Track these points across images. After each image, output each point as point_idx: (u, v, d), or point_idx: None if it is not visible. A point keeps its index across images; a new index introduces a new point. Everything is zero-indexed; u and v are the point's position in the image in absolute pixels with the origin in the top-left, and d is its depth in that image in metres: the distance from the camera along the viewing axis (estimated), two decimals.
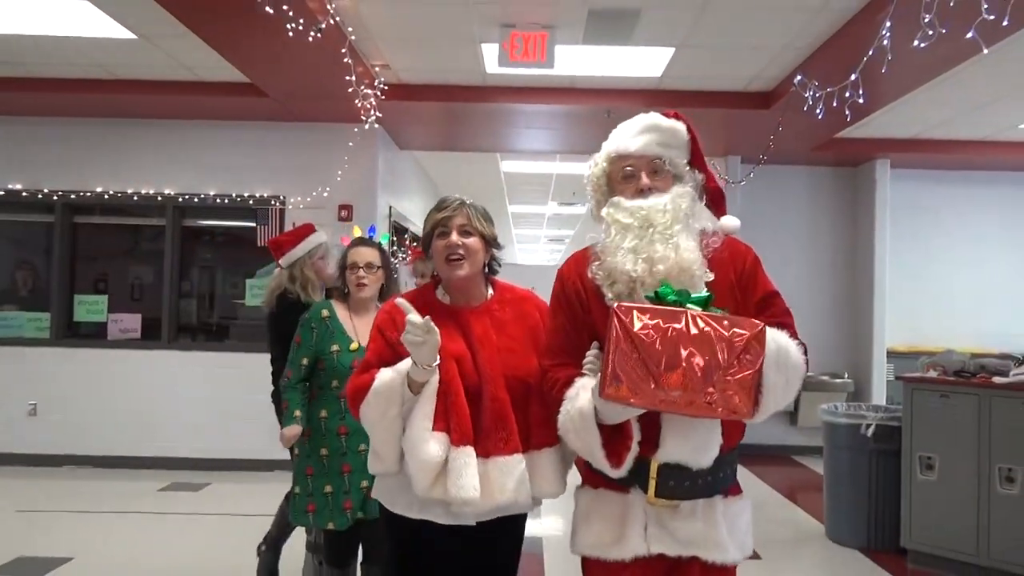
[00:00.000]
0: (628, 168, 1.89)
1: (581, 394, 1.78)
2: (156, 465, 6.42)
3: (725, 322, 1.58)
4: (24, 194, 6.63)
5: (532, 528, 2.78)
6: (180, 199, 6.66)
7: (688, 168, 1.94)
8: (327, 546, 3.01)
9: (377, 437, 2.04)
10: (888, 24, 3.76)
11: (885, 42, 3.80)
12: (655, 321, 1.58)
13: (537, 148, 7.55)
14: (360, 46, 5.06)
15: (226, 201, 6.65)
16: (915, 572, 4.36)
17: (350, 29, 4.62)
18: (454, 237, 2.07)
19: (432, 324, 1.90)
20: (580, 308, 1.91)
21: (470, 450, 1.94)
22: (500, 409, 1.99)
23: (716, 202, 2.00)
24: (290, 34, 3.98)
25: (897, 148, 7.29)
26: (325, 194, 6.44)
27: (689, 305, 1.63)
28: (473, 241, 2.09)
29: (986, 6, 3.07)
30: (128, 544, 4.55)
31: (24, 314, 6.75)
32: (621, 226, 1.84)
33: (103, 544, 4.53)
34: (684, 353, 1.55)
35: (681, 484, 1.79)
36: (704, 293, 1.71)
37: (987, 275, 7.83)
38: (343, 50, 4.54)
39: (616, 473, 1.77)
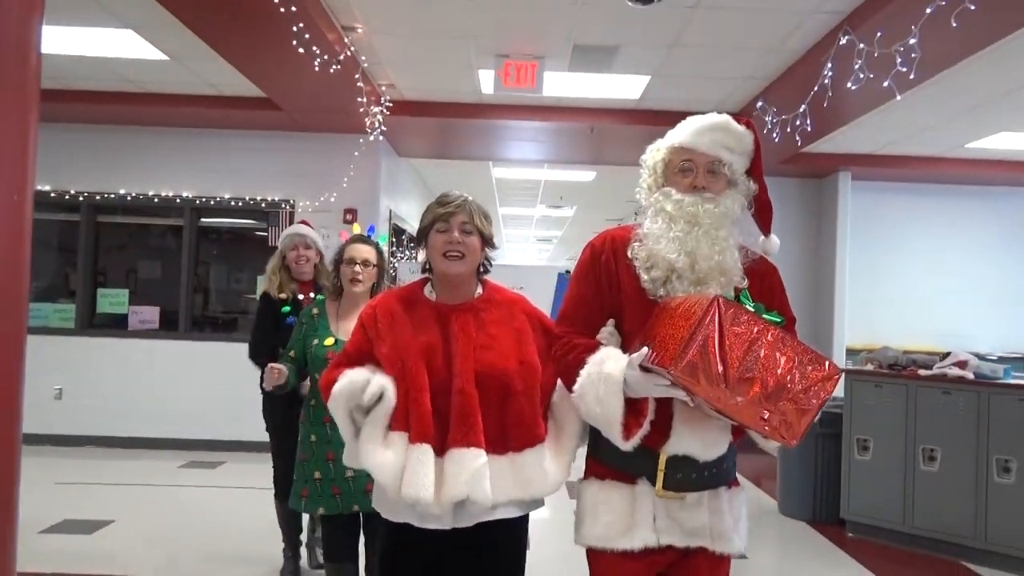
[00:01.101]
0: (687, 162, 1.88)
1: (610, 361, 1.77)
2: (173, 446, 6.98)
3: (805, 355, 1.62)
4: (52, 195, 7.17)
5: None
6: (197, 201, 7.22)
7: (745, 176, 1.93)
8: (323, 538, 3.06)
9: (342, 432, 2.06)
10: (829, 66, 4.39)
11: (827, 81, 4.44)
12: (749, 327, 1.60)
13: (526, 158, 8.17)
14: (370, 69, 5.65)
15: (240, 204, 7.22)
16: (852, 539, 5.00)
17: (363, 57, 5.21)
18: (455, 234, 2.05)
19: (376, 388, 1.94)
20: (607, 283, 1.91)
21: (427, 448, 1.92)
22: (465, 403, 1.94)
23: (763, 215, 1.98)
24: (316, 68, 4.57)
25: (857, 162, 7.93)
26: (332, 199, 7.02)
27: (766, 316, 1.69)
28: (473, 240, 2.07)
29: (900, 60, 3.69)
30: (158, 510, 5.13)
31: (50, 305, 7.29)
32: (668, 216, 1.84)
33: (137, 510, 5.10)
34: (761, 367, 1.58)
35: (689, 476, 1.81)
36: (777, 317, 1.74)
37: (939, 279, 8.47)
38: (356, 76, 5.13)
39: (624, 445, 1.76)
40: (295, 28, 4.11)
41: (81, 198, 7.18)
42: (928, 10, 3.27)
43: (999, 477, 4.45)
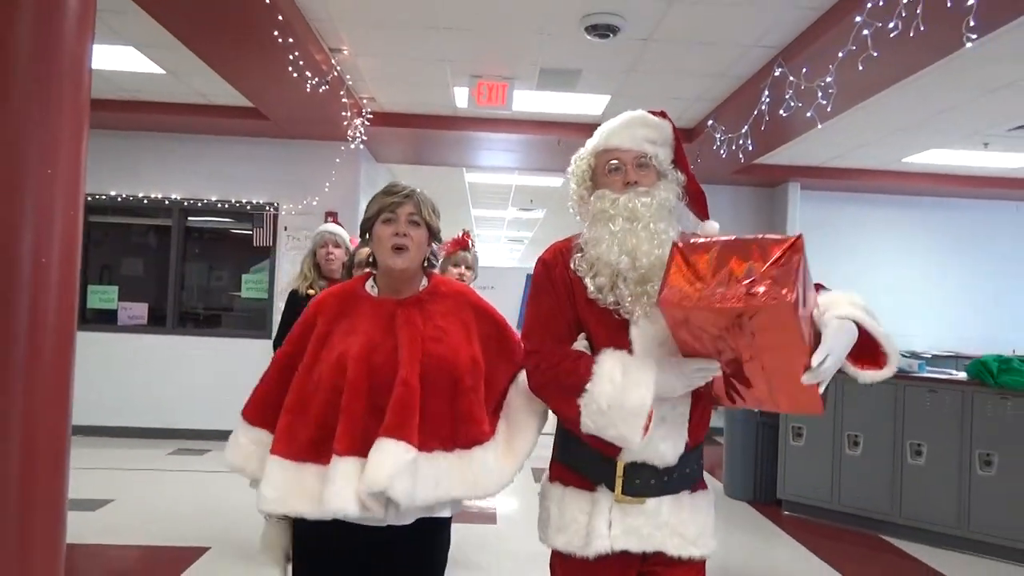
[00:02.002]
0: (614, 162, 1.87)
1: (627, 357, 1.75)
2: (161, 435, 7.38)
3: (765, 240, 1.60)
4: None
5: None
6: (185, 203, 7.61)
7: (672, 167, 1.92)
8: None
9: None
10: (767, 93, 4.94)
11: (764, 106, 4.99)
12: (705, 246, 1.65)
13: (498, 165, 8.67)
14: (353, 85, 6.10)
15: (226, 206, 7.63)
16: (787, 517, 5.56)
17: (348, 76, 5.66)
18: (402, 225, 1.97)
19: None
20: (566, 295, 1.88)
21: (350, 460, 1.82)
22: (406, 395, 1.85)
23: (698, 203, 1.97)
24: (307, 90, 5.02)
25: (805, 174, 8.54)
26: (314, 202, 7.45)
27: None
28: (420, 232, 2.00)
29: (820, 93, 4.25)
30: (153, 491, 5.55)
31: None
32: (607, 217, 1.82)
33: (134, 490, 5.52)
34: (735, 267, 1.57)
35: (647, 482, 1.80)
36: None
37: (881, 282, 9.09)
38: (341, 92, 5.58)
39: (641, 443, 1.72)
40: (291, 56, 4.55)
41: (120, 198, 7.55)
42: (840, 54, 3.82)
43: (912, 459, 5.03)
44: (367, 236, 2.04)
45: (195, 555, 4.28)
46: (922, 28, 3.25)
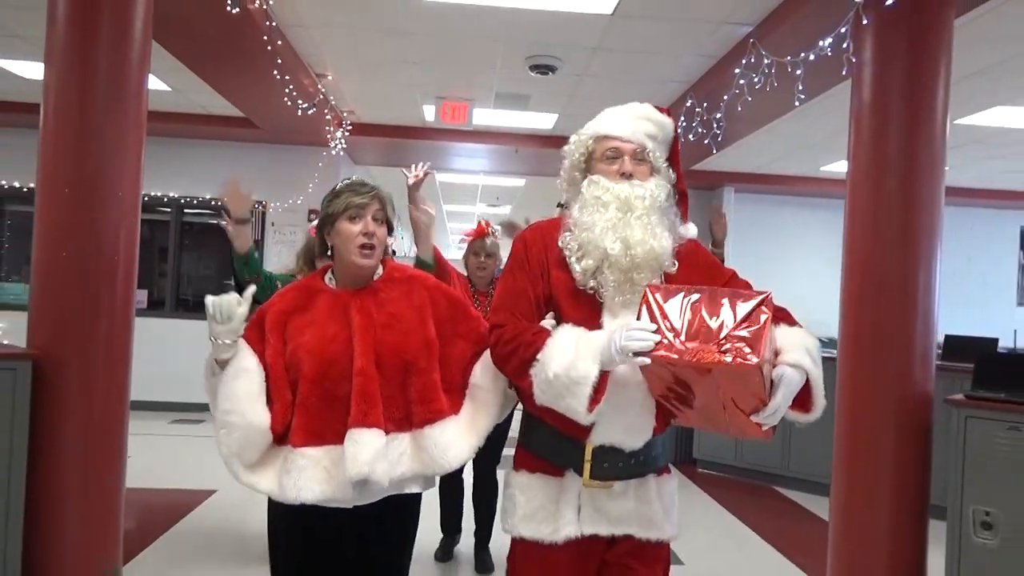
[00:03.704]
0: (612, 150, 1.88)
1: (582, 331, 1.73)
2: (160, 408, 8.26)
3: (735, 296, 1.62)
4: None
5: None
6: (182, 200, 8.49)
7: (666, 164, 1.94)
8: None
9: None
10: (682, 119, 5.95)
11: (679, 129, 6.00)
12: (679, 293, 1.65)
13: (464, 169, 9.64)
14: (335, 101, 7.03)
15: (219, 203, 8.51)
16: (701, 474, 6.61)
17: (332, 98, 6.60)
18: (371, 225, 2.01)
19: (233, 309, 1.91)
20: (540, 274, 1.89)
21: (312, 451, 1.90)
22: (366, 384, 1.91)
23: (682, 203, 2.01)
24: (299, 114, 5.93)
25: (739, 179, 9.58)
26: (299, 201, 8.37)
27: None
28: (383, 231, 2.05)
29: (715, 125, 5.27)
30: (163, 451, 6.48)
31: None
32: (601, 203, 1.82)
33: (146, 450, 6.43)
34: (704, 319, 1.59)
35: (615, 465, 1.80)
36: None
37: (809, 278, 9.96)
38: (325, 110, 6.50)
39: (586, 418, 1.69)
40: (284, 80, 5.47)
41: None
42: (725, 97, 4.84)
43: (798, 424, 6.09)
44: (324, 230, 2.07)
45: (204, 496, 5.23)
46: (799, 73, 4.23)
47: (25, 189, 8.39)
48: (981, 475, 3.17)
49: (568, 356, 1.69)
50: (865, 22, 3.38)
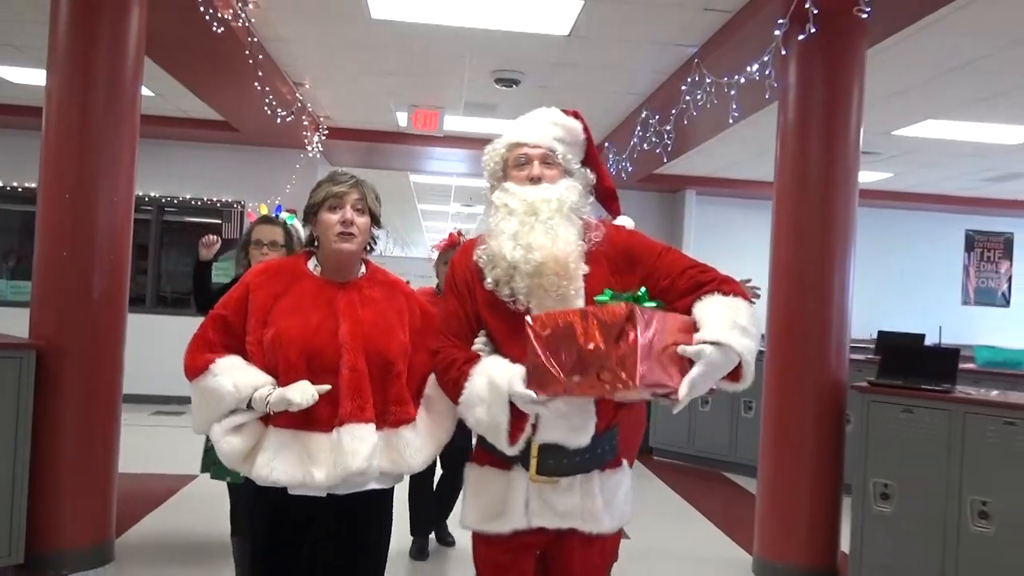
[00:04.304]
0: (522, 156, 1.92)
1: (495, 372, 1.80)
2: (142, 400, 8.53)
3: (607, 315, 1.62)
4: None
5: None
6: (162, 199, 8.77)
7: (580, 166, 1.98)
8: (230, 510, 3.18)
9: (194, 409, 2.08)
10: (650, 118, 6.37)
11: (634, 141, 6.44)
12: (560, 321, 1.67)
13: (436, 171, 10.01)
14: (312, 107, 7.37)
15: (199, 203, 8.82)
16: (656, 461, 7.05)
17: (309, 105, 6.95)
18: (349, 213, 2.04)
19: (306, 398, 1.90)
20: (468, 295, 1.95)
21: (305, 434, 1.95)
22: (357, 379, 1.97)
23: (608, 200, 2.06)
24: (279, 122, 6.28)
25: (699, 183, 10.03)
26: (277, 201, 8.68)
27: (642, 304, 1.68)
28: (364, 219, 2.08)
29: (666, 136, 5.70)
30: (142, 440, 6.79)
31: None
32: (508, 210, 1.88)
33: (130, 440, 6.72)
34: (581, 345, 1.61)
35: (560, 462, 1.85)
36: (642, 290, 1.77)
37: (763, 272, 10.58)
38: (303, 116, 6.85)
39: (510, 450, 1.81)
40: (264, 90, 5.82)
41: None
42: (673, 111, 5.28)
43: (744, 413, 6.56)
44: (308, 221, 2.12)
45: (188, 480, 5.57)
46: (732, 94, 4.66)
47: (8, 188, 8.65)
48: (881, 452, 3.62)
49: (484, 403, 1.80)
50: (784, 53, 3.82)
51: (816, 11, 3.44)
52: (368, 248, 2.15)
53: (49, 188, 3.78)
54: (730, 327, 1.69)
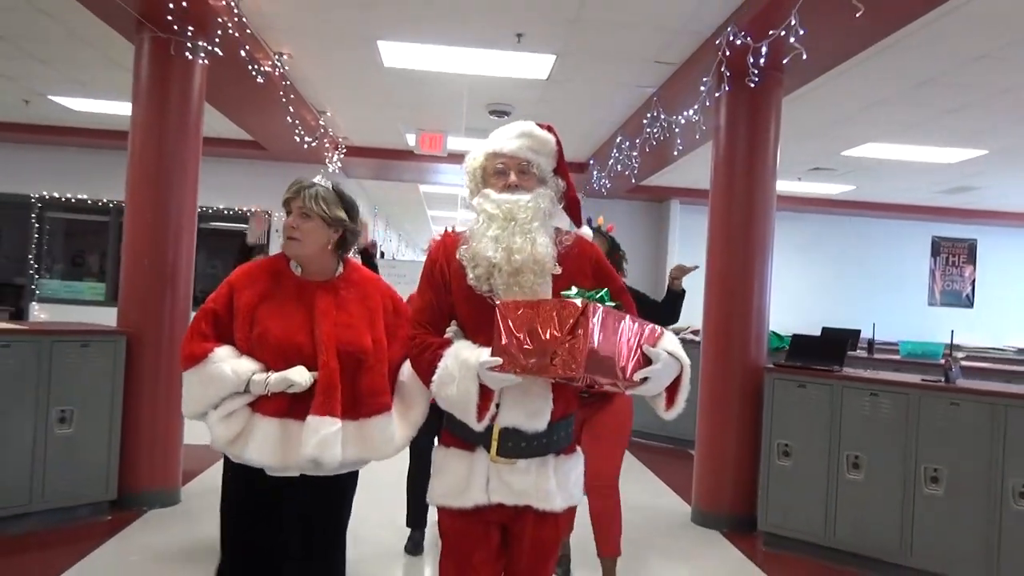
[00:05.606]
0: (500, 165, 2.06)
1: (465, 351, 1.95)
2: None
3: (562, 308, 1.79)
4: (88, 201, 9.71)
5: None
6: (199, 209, 9.80)
7: (552, 175, 2.14)
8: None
9: (190, 395, 2.21)
10: (623, 143, 7.37)
11: (611, 162, 7.44)
12: (523, 311, 1.83)
13: (444, 183, 11.04)
14: (332, 130, 8.42)
15: (230, 212, 9.88)
16: (633, 441, 8.02)
17: (330, 130, 8.00)
18: (290, 219, 2.17)
19: (305, 379, 2.10)
20: (443, 286, 2.07)
21: (278, 421, 2.13)
22: (329, 376, 2.10)
23: (573, 209, 2.22)
24: (305, 147, 7.33)
25: (683, 193, 10.94)
26: None
27: (597, 299, 1.86)
28: (311, 224, 2.17)
29: (633, 160, 6.69)
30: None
31: (85, 283, 9.83)
32: (488, 215, 2.01)
33: None
34: (539, 333, 1.79)
35: (518, 445, 2.00)
36: (604, 290, 1.94)
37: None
38: (326, 141, 7.90)
39: (478, 427, 1.95)
40: (296, 124, 6.87)
41: (112, 204, 9.76)
42: (638, 140, 6.27)
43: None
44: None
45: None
46: (676, 130, 5.63)
47: (63, 199, 9.76)
48: (781, 419, 4.60)
49: (455, 381, 1.94)
50: (708, 104, 4.81)
51: (729, 73, 4.44)
52: (341, 247, 2.32)
53: (135, 208, 4.84)
54: (680, 349, 2.05)
